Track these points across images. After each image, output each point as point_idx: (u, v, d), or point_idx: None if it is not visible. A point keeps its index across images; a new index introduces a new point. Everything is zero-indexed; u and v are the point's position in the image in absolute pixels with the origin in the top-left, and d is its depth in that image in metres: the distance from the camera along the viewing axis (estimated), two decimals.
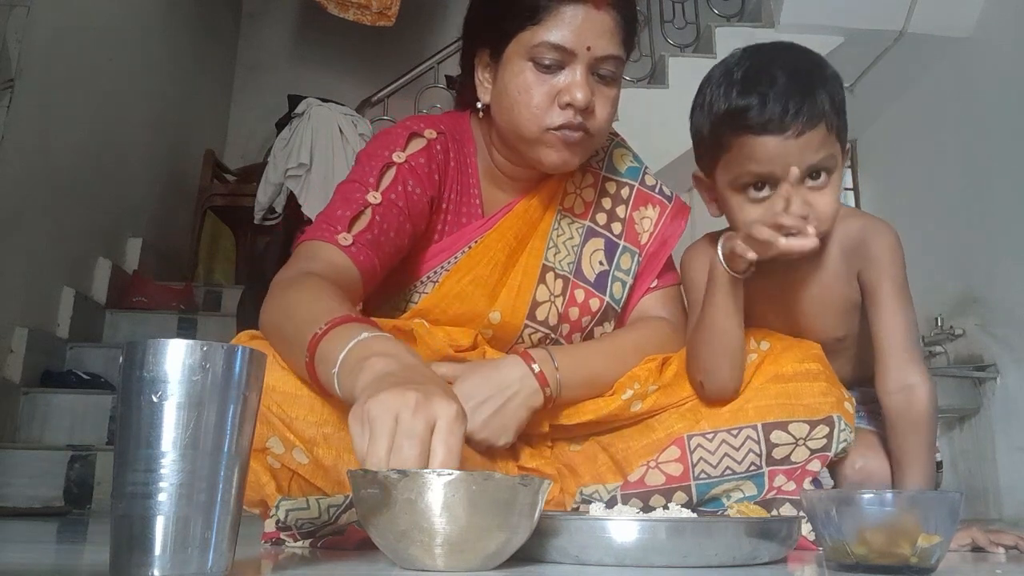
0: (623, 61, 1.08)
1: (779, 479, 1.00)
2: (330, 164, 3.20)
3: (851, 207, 1.16)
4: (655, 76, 3.70)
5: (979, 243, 2.72)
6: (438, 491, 0.61)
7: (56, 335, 2.81)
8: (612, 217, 1.20)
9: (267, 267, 2.97)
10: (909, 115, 3.16)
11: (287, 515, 0.86)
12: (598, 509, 0.91)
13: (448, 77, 3.60)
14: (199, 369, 0.58)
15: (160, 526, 0.56)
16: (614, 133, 1.24)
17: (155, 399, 0.57)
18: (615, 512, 0.88)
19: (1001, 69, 2.71)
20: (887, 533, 0.69)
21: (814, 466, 1.00)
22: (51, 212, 2.79)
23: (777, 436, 1.00)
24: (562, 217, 1.18)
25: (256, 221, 3.39)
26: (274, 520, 0.87)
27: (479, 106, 1.12)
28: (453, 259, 1.11)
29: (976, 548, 0.97)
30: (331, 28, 4.46)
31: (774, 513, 0.99)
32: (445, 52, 3.80)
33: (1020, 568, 0.85)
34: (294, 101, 3.43)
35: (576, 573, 0.69)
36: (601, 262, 1.18)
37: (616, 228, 1.20)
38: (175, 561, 0.56)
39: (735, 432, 1.01)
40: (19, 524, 1.59)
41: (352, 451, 0.90)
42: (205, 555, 0.57)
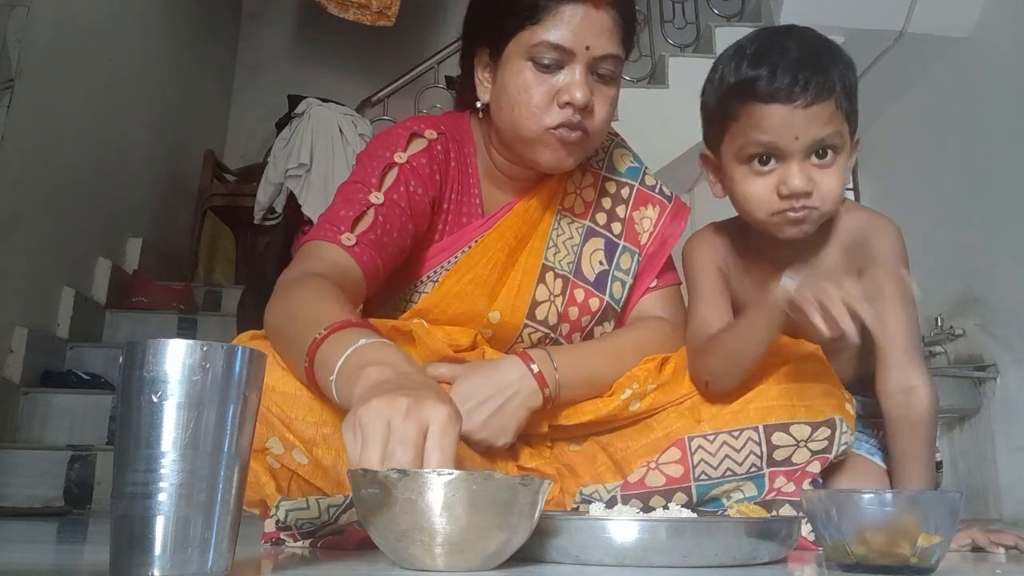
0: (622, 60, 1.08)
1: (779, 480, 1.00)
2: (330, 164, 3.20)
3: (853, 202, 1.15)
4: (655, 76, 3.70)
5: (979, 243, 2.72)
6: (438, 491, 0.60)
7: (56, 335, 2.81)
8: (612, 217, 1.20)
9: (267, 267, 2.97)
10: (909, 115, 3.16)
11: (287, 515, 0.86)
12: (598, 509, 0.91)
13: (448, 77, 3.60)
14: (199, 369, 0.58)
15: (160, 526, 0.56)
16: (614, 133, 1.24)
17: (155, 399, 0.57)
18: (615, 512, 0.88)
19: (1001, 69, 2.71)
20: (887, 533, 0.69)
21: (814, 467, 1.00)
22: (51, 212, 2.79)
23: (778, 438, 1.00)
24: (562, 217, 1.18)
25: (256, 221, 3.39)
26: (274, 520, 0.87)
27: (479, 106, 1.12)
28: (453, 259, 1.11)
29: (976, 548, 0.97)
30: (331, 28, 4.46)
31: (774, 514, 0.99)
32: (445, 52, 3.80)
33: (1020, 568, 0.85)
34: (294, 101, 3.43)
35: (576, 573, 0.68)
36: (601, 262, 1.18)
37: (616, 228, 1.20)
38: (175, 561, 0.56)
39: (736, 434, 1.01)
40: (19, 524, 1.59)
41: None
42: (205, 555, 0.57)
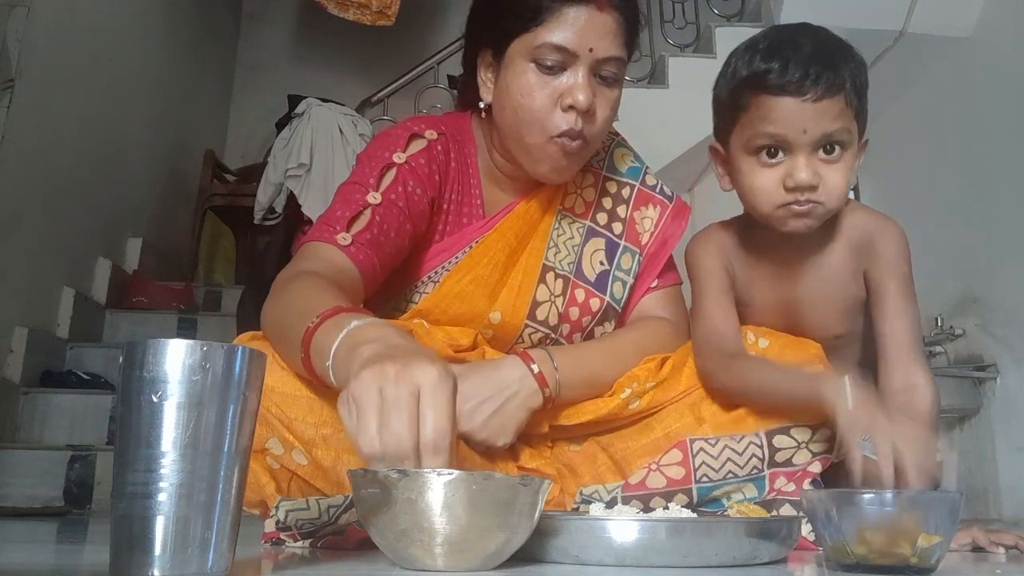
0: (625, 63, 1.08)
1: (780, 480, 1.00)
2: (330, 164, 3.21)
3: (858, 203, 1.16)
4: (655, 76, 3.70)
5: (979, 243, 2.71)
6: (438, 491, 0.60)
7: (56, 335, 2.81)
8: (613, 217, 1.20)
9: (267, 267, 2.97)
10: (909, 115, 3.15)
11: (287, 516, 0.86)
12: (598, 509, 0.91)
13: (450, 76, 3.60)
14: (199, 369, 0.58)
15: (160, 526, 0.56)
16: (614, 133, 1.24)
17: (155, 399, 0.57)
18: (615, 512, 0.88)
19: (1001, 69, 2.71)
20: (887, 533, 0.69)
21: (815, 468, 1.00)
22: (51, 212, 2.79)
23: (780, 440, 1.00)
24: (563, 217, 1.18)
25: (256, 221, 3.39)
26: (274, 521, 0.87)
27: (481, 106, 1.12)
28: (454, 259, 1.11)
29: (976, 548, 0.97)
30: (331, 28, 4.46)
31: (774, 513, 0.99)
32: (445, 52, 3.80)
33: (1020, 568, 0.85)
34: (294, 101, 3.43)
35: (576, 573, 0.68)
36: (602, 262, 1.18)
37: (617, 228, 1.20)
38: (175, 561, 0.56)
39: (737, 438, 1.01)
40: (19, 524, 1.59)
41: (352, 452, 0.90)
42: (205, 555, 0.57)
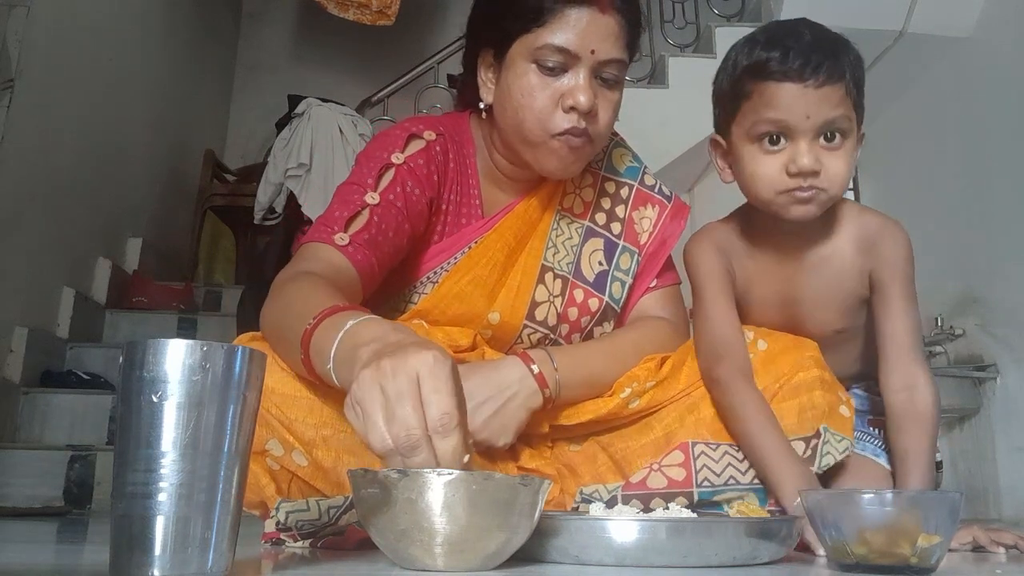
0: (626, 65, 1.08)
1: None
2: (330, 164, 3.20)
3: (863, 205, 1.17)
4: (655, 76, 3.69)
5: (979, 243, 2.71)
6: (438, 491, 0.60)
7: (56, 335, 2.81)
8: (611, 217, 1.20)
9: (267, 267, 2.97)
10: (909, 115, 3.15)
11: (287, 517, 0.86)
12: (598, 509, 0.91)
13: (450, 76, 3.60)
14: (199, 369, 0.58)
15: (160, 526, 0.56)
16: (614, 132, 1.23)
17: (155, 399, 0.57)
18: (615, 512, 0.88)
19: (1001, 69, 2.71)
20: (887, 533, 0.69)
21: None
22: (51, 212, 2.79)
23: None
24: (561, 217, 1.18)
25: (256, 221, 3.39)
26: (274, 521, 0.87)
27: (481, 106, 1.12)
28: (453, 260, 1.11)
29: (977, 547, 0.97)
30: (331, 28, 4.46)
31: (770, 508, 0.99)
32: (445, 52, 3.80)
33: (1020, 568, 0.85)
34: (294, 101, 3.43)
35: (576, 573, 0.68)
36: (600, 262, 1.18)
37: (615, 228, 1.20)
38: (175, 561, 0.56)
39: (736, 445, 1.01)
40: (19, 524, 1.59)
41: (352, 452, 0.90)
42: (205, 555, 0.57)
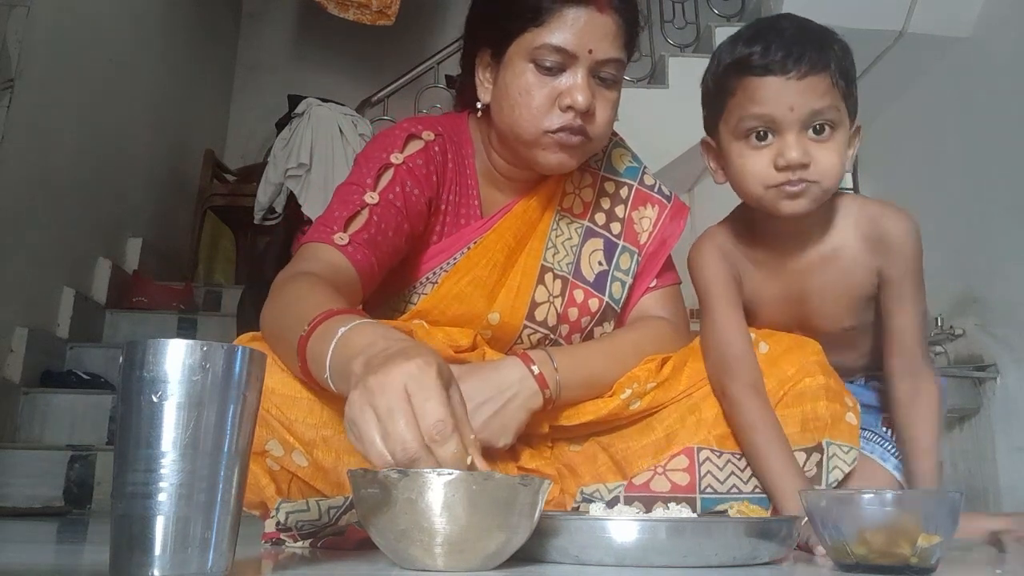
0: (624, 64, 1.08)
1: None
2: (330, 164, 3.20)
3: (865, 196, 1.16)
4: (655, 76, 3.70)
5: (979, 243, 2.71)
6: (438, 491, 0.60)
7: (56, 335, 2.81)
8: (611, 217, 1.20)
9: (267, 267, 2.97)
10: (909, 115, 3.15)
11: (287, 517, 0.86)
12: (598, 509, 0.91)
13: (448, 76, 3.60)
14: (199, 369, 0.57)
15: (160, 526, 0.56)
16: (613, 133, 1.24)
17: (155, 399, 0.57)
18: (615, 512, 0.88)
19: (1001, 69, 2.71)
20: (887, 533, 0.69)
21: None
22: (51, 212, 2.79)
23: None
24: (561, 217, 1.18)
25: (256, 221, 3.39)
26: (274, 522, 0.87)
27: (479, 106, 1.12)
28: (452, 260, 1.11)
29: (994, 541, 0.96)
30: (331, 28, 4.46)
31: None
32: (445, 52, 3.80)
33: (1021, 568, 0.85)
34: (294, 101, 3.43)
35: (576, 573, 0.68)
36: (600, 262, 1.18)
37: (615, 228, 1.20)
38: (175, 561, 0.56)
39: (738, 456, 1.02)
40: (19, 524, 1.59)
41: (352, 453, 0.90)
42: (205, 555, 0.57)
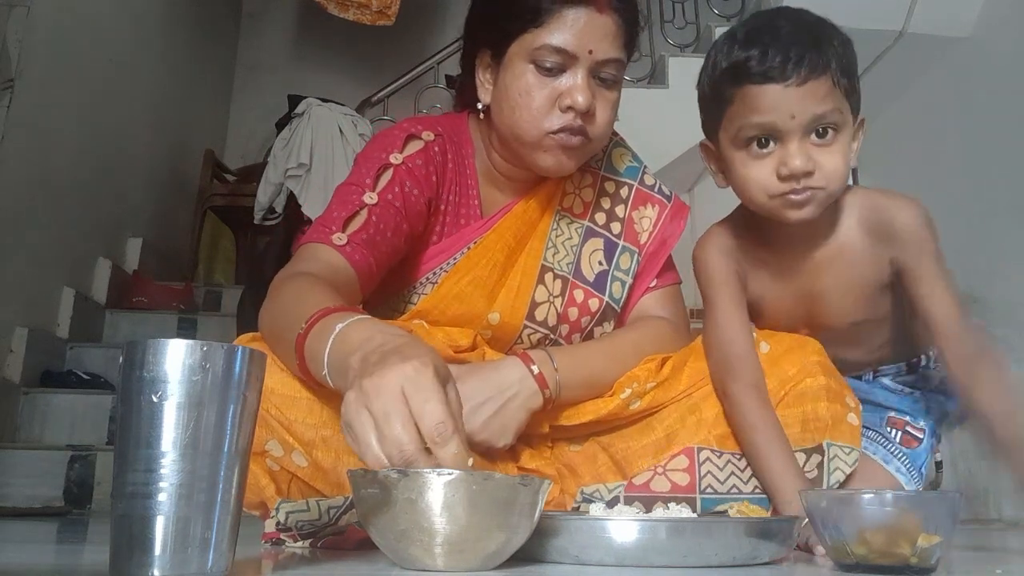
0: (624, 65, 1.08)
1: None
2: (330, 164, 3.21)
3: (867, 187, 1.10)
4: (655, 76, 3.70)
5: (979, 243, 2.71)
6: (438, 491, 0.60)
7: (56, 335, 2.81)
8: (611, 217, 1.20)
9: (267, 267, 2.97)
10: (909, 115, 3.15)
11: (287, 517, 0.86)
12: (598, 509, 0.91)
13: (448, 76, 3.60)
14: (199, 369, 0.57)
15: (160, 526, 0.56)
16: (613, 132, 1.23)
17: (155, 399, 0.57)
18: (615, 512, 0.88)
19: (1001, 69, 2.71)
20: (887, 533, 0.69)
21: None
22: (51, 212, 2.79)
23: None
24: (561, 217, 1.18)
25: (256, 221, 3.39)
26: (274, 522, 0.87)
27: (479, 107, 1.12)
28: (452, 260, 1.11)
29: None
30: (331, 28, 4.46)
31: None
32: (445, 52, 3.80)
33: (1022, 569, 0.85)
34: (294, 101, 3.43)
35: (576, 573, 0.68)
36: (600, 262, 1.18)
37: (615, 228, 1.20)
38: (175, 561, 0.56)
39: (738, 456, 1.02)
40: (19, 524, 1.59)
41: (351, 453, 0.90)
42: (205, 555, 0.57)
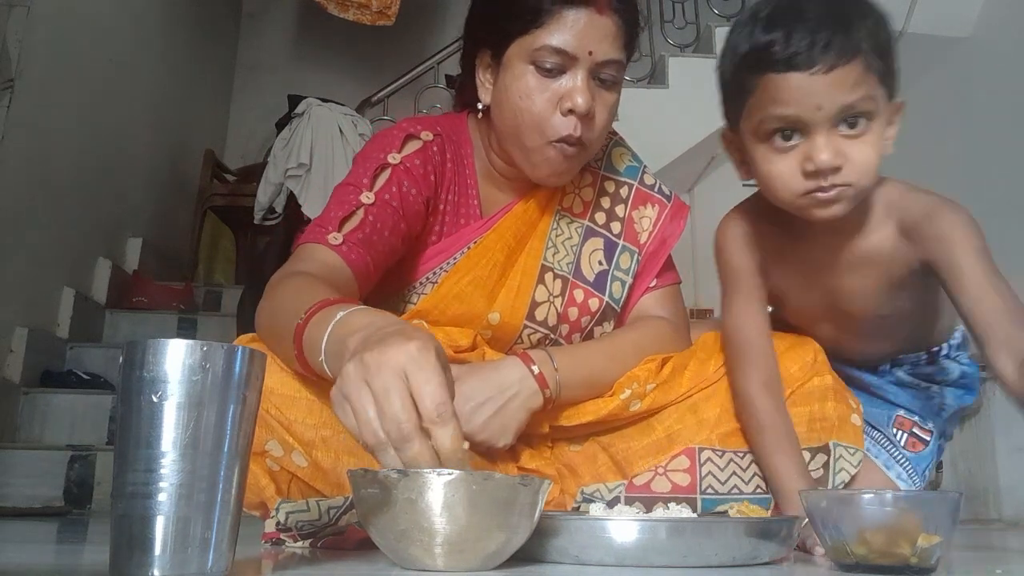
0: (624, 66, 1.08)
1: None
2: (330, 164, 3.21)
3: (913, 184, 1.01)
4: (655, 76, 3.70)
5: None
6: (438, 491, 0.60)
7: (56, 335, 2.81)
8: (611, 216, 1.20)
9: (267, 267, 2.96)
10: (909, 115, 3.16)
11: (287, 517, 0.86)
12: (598, 509, 0.91)
13: (448, 76, 3.60)
14: (199, 369, 0.57)
15: (160, 526, 0.56)
16: (612, 132, 1.23)
17: (155, 399, 0.57)
18: (615, 512, 0.88)
19: (1001, 69, 2.71)
20: (887, 533, 0.69)
21: None
22: (51, 212, 2.79)
23: None
24: (561, 217, 1.18)
25: (256, 221, 3.39)
26: (274, 522, 0.87)
27: (479, 107, 1.12)
28: (452, 260, 1.11)
29: None
30: (331, 28, 4.46)
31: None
32: (445, 52, 3.80)
33: (1022, 569, 0.85)
34: (294, 101, 3.43)
35: (576, 573, 0.68)
36: (600, 262, 1.18)
37: (615, 227, 1.20)
38: (175, 561, 0.56)
39: (741, 454, 1.02)
40: (19, 524, 1.59)
41: (352, 453, 0.90)
42: (205, 555, 0.57)
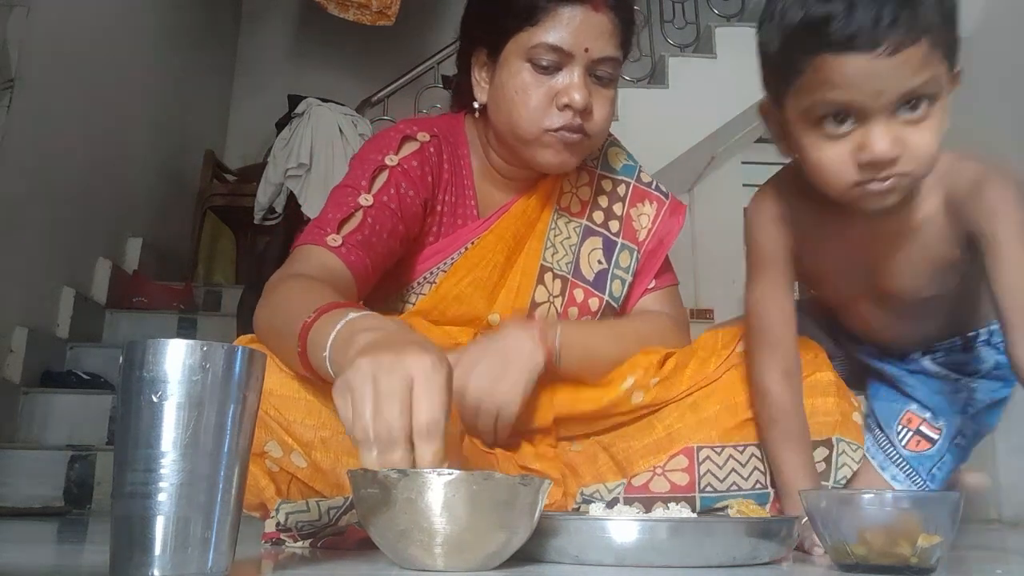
0: (620, 62, 1.08)
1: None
2: (330, 164, 3.20)
3: (957, 154, 0.91)
4: (655, 76, 3.70)
5: None
6: (438, 491, 0.60)
7: (56, 335, 2.81)
8: (609, 215, 1.20)
9: (267, 267, 2.96)
10: None
11: (287, 518, 0.86)
12: (598, 509, 0.91)
13: (445, 77, 3.60)
14: (199, 369, 0.57)
15: (160, 526, 0.56)
16: (608, 133, 1.24)
17: (155, 399, 0.57)
18: (615, 512, 0.88)
19: (1001, 69, 2.71)
20: (887, 533, 0.69)
21: None
22: (51, 212, 2.79)
23: None
24: (559, 216, 1.18)
25: (256, 221, 3.39)
26: (274, 522, 0.87)
27: (476, 106, 1.12)
28: (449, 260, 1.11)
29: None
30: (331, 28, 4.46)
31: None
32: (445, 52, 3.80)
33: (1022, 569, 0.85)
34: (294, 101, 3.43)
35: (576, 573, 0.68)
36: (600, 261, 1.18)
37: (614, 226, 1.20)
38: (175, 561, 0.56)
39: (740, 448, 1.01)
40: (19, 524, 1.59)
41: (351, 454, 0.90)
42: (205, 555, 0.57)
